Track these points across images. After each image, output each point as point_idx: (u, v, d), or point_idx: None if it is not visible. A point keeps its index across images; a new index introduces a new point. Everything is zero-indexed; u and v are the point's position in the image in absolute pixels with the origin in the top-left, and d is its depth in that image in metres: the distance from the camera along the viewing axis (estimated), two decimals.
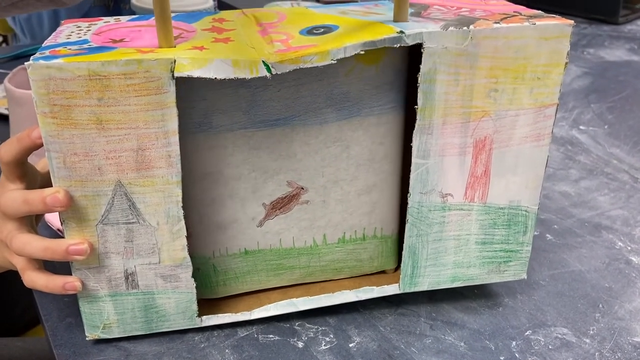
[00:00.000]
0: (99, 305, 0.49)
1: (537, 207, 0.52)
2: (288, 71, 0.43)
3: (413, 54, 0.48)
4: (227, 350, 0.51)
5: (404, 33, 0.44)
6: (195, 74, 0.42)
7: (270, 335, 0.52)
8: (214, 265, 0.52)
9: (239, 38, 0.47)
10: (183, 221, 0.47)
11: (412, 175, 0.49)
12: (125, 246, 0.47)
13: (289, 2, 1.16)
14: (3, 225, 0.48)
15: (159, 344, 0.51)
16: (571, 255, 0.63)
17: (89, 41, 0.45)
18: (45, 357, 0.77)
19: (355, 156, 0.51)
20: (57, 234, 0.63)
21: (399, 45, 0.44)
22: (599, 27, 1.41)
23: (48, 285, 0.47)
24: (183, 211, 0.46)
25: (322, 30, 0.47)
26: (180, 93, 0.43)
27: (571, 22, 0.46)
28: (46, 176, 0.49)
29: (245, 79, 0.44)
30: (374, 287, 0.54)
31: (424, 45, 0.45)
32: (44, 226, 0.64)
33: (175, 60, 0.41)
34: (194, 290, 0.50)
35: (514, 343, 0.52)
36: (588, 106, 1.00)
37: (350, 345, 0.52)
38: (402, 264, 0.52)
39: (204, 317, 0.52)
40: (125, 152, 0.44)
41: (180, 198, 0.46)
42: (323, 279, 0.56)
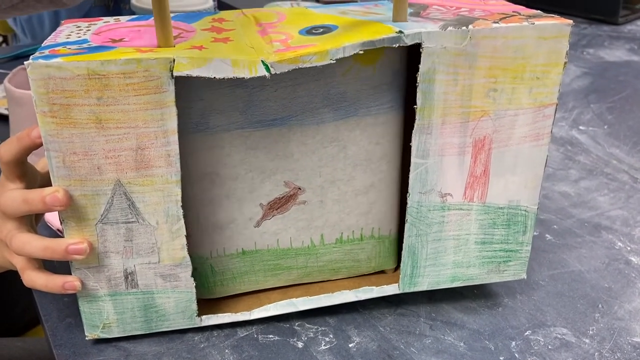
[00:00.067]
0: (98, 305, 0.49)
1: (537, 207, 0.52)
2: (286, 71, 0.43)
3: (412, 54, 0.48)
4: (227, 351, 0.51)
5: (402, 33, 0.44)
6: (195, 73, 0.42)
7: (270, 336, 0.52)
8: (211, 265, 0.52)
9: (239, 38, 0.47)
10: (182, 220, 0.47)
11: (412, 175, 0.49)
12: (125, 245, 0.47)
13: (289, 2, 1.16)
14: (3, 224, 0.48)
15: (158, 344, 0.51)
16: (571, 256, 0.63)
17: (89, 41, 0.45)
18: (45, 357, 0.77)
19: (352, 156, 0.51)
20: (57, 234, 0.63)
21: (397, 45, 0.44)
22: (599, 27, 1.41)
23: (47, 285, 0.47)
24: (182, 210, 0.47)
25: (322, 30, 0.47)
26: (177, 93, 0.43)
27: (570, 22, 0.46)
28: (46, 176, 0.49)
29: (242, 79, 0.44)
30: (374, 287, 0.54)
31: (422, 45, 0.45)
32: (44, 226, 0.65)
33: (174, 60, 0.41)
34: (194, 290, 0.50)
35: (513, 343, 0.52)
36: (588, 106, 1.00)
37: (350, 345, 0.52)
38: (402, 264, 0.52)
39: (204, 317, 0.52)
40: (124, 152, 0.44)
41: (179, 197, 0.46)
42: (321, 279, 0.56)
